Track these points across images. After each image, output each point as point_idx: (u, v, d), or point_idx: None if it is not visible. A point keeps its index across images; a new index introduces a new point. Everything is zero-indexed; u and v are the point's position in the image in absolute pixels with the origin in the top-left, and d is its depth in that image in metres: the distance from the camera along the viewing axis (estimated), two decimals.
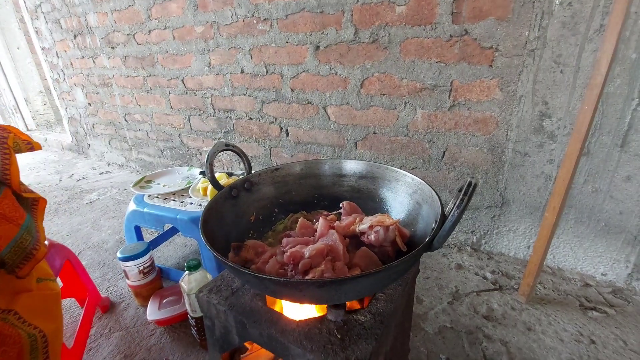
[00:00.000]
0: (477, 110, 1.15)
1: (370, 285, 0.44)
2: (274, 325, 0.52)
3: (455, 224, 0.42)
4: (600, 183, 1.04)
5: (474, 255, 1.34)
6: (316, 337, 0.49)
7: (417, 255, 0.45)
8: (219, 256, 0.44)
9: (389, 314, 0.53)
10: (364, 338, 0.49)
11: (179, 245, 1.55)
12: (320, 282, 0.40)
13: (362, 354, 0.46)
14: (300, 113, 1.57)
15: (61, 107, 2.92)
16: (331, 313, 0.52)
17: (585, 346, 0.92)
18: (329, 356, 0.46)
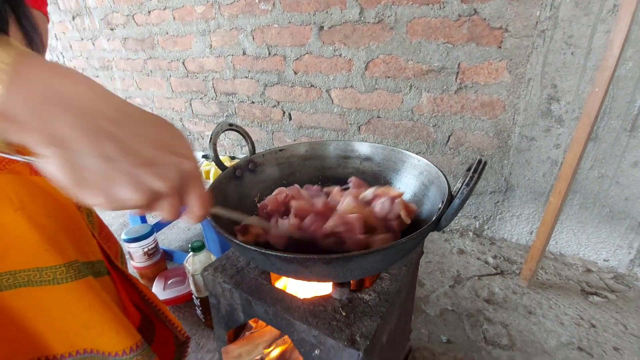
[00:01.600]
0: (484, 93, 1.13)
1: (376, 262, 0.44)
2: (279, 303, 0.52)
3: (464, 201, 0.42)
4: (607, 168, 1.03)
5: (476, 241, 1.34)
6: (321, 314, 0.49)
7: (423, 233, 0.45)
8: (224, 233, 0.44)
9: (393, 293, 0.53)
10: (369, 315, 0.49)
11: (182, 229, 1.56)
12: (327, 259, 0.40)
13: (367, 330, 0.46)
14: (303, 96, 1.55)
15: None
16: (336, 291, 0.52)
17: (585, 330, 0.93)
18: (334, 332, 0.46)
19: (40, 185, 0.49)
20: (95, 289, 0.52)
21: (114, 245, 0.76)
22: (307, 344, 0.50)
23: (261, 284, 0.56)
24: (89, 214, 0.66)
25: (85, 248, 0.55)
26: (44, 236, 0.46)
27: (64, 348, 0.53)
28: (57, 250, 0.48)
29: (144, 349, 0.57)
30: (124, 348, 0.54)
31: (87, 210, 0.66)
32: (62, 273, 0.48)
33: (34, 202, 0.47)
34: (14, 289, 0.46)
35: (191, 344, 0.97)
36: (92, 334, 0.53)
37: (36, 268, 0.47)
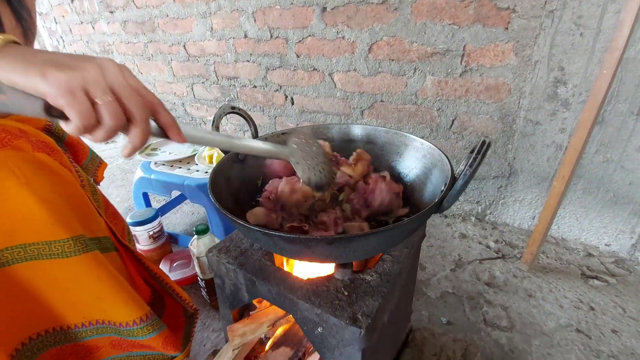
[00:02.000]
0: (489, 76, 1.11)
1: (378, 243, 0.45)
2: (283, 283, 0.53)
3: (467, 183, 0.42)
4: (612, 153, 1.02)
5: (478, 225, 1.35)
6: (324, 293, 0.50)
7: (425, 215, 0.45)
8: (227, 214, 0.45)
9: (394, 274, 0.54)
10: (370, 295, 0.50)
11: (186, 212, 1.57)
12: (329, 239, 0.40)
13: (369, 309, 0.47)
14: (305, 80, 1.53)
15: None
16: (338, 272, 0.53)
17: (584, 312, 0.95)
18: (337, 311, 0.47)
19: (43, 161, 0.49)
20: (102, 263, 0.53)
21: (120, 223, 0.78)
22: (309, 322, 0.51)
23: (265, 265, 0.57)
24: (93, 192, 0.67)
25: (91, 224, 0.55)
26: (50, 211, 0.47)
27: (77, 319, 0.54)
28: (63, 225, 0.49)
29: (154, 320, 0.59)
30: (134, 318, 0.56)
31: (91, 188, 0.67)
32: (69, 247, 0.49)
33: (38, 178, 0.47)
34: (25, 262, 0.47)
35: (197, 324, 0.99)
36: (104, 305, 0.54)
37: (45, 241, 0.48)
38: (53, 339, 0.54)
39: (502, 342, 0.88)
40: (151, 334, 0.58)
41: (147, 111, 0.37)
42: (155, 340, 0.59)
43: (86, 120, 0.33)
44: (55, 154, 0.53)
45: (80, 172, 0.64)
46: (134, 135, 0.37)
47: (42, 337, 0.53)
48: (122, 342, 0.60)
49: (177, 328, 0.72)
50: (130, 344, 0.60)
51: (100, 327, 0.56)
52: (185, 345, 0.67)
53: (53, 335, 0.54)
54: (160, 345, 0.60)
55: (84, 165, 0.82)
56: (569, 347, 0.86)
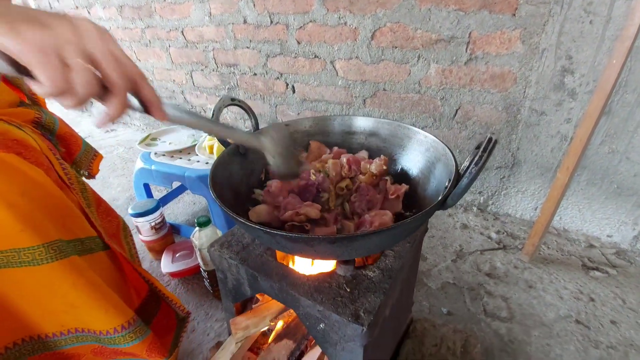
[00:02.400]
0: (495, 64, 1.09)
1: (381, 242, 0.44)
2: (285, 279, 0.53)
3: (472, 181, 0.41)
4: (618, 144, 1.00)
5: (479, 216, 1.35)
6: (326, 290, 0.50)
7: (429, 213, 0.44)
8: (229, 212, 0.44)
9: (396, 270, 0.54)
10: (373, 292, 0.50)
11: (187, 202, 1.57)
12: (331, 239, 0.40)
13: (371, 306, 0.47)
14: (306, 68, 1.50)
15: None
16: (341, 268, 0.53)
17: (584, 303, 0.95)
18: (339, 308, 0.47)
19: (10, 162, 0.47)
20: (79, 269, 0.51)
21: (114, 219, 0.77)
22: (312, 318, 0.51)
23: (267, 260, 0.57)
24: (82, 190, 0.65)
25: (71, 225, 0.53)
26: (18, 216, 0.45)
27: (55, 327, 0.53)
28: (33, 231, 0.46)
29: (137, 326, 0.57)
30: (115, 326, 0.54)
31: (80, 186, 0.65)
32: (41, 254, 0.47)
33: (4, 180, 0.45)
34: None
35: (200, 314, 1.01)
36: (81, 313, 0.52)
37: (14, 249, 0.45)
38: (31, 347, 0.52)
39: (501, 333, 0.89)
40: (134, 341, 0.56)
41: (126, 82, 0.35)
42: (139, 347, 0.57)
43: (56, 85, 0.31)
44: (28, 152, 0.50)
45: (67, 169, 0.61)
46: (111, 106, 0.35)
47: (19, 346, 0.51)
48: (105, 350, 0.58)
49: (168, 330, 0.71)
50: (113, 352, 0.59)
51: (80, 336, 0.55)
52: (173, 350, 0.66)
53: (30, 344, 0.52)
54: (144, 352, 0.59)
55: (77, 159, 0.80)
56: (567, 338, 0.87)
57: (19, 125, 0.57)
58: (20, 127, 0.56)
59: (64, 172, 0.59)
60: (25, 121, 0.66)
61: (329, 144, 0.78)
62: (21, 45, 0.29)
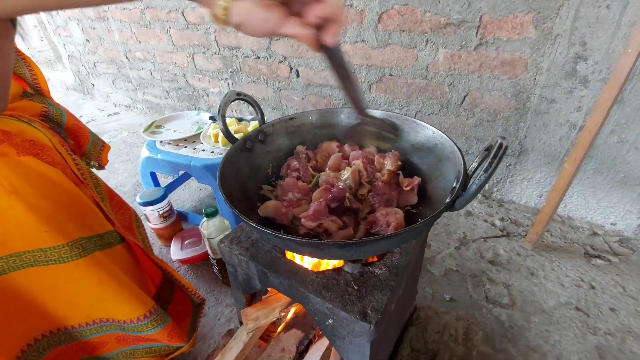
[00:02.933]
0: (505, 50, 1.06)
1: (389, 245, 0.45)
2: (294, 276, 0.54)
3: (481, 188, 0.41)
4: (628, 133, 0.99)
5: (484, 203, 1.35)
6: (334, 287, 0.52)
7: (437, 216, 0.45)
8: (240, 215, 0.45)
9: (403, 267, 0.55)
10: (379, 289, 0.51)
11: (194, 189, 1.59)
12: (341, 244, 0.41)
13: (378, 304, 0.49)
14: (311, 51, 1.46)
15: (59, 44, 2.78)
16: (348, 266, 0.54)
17: (585, 291, 0.97)
18: (347, 305, 0.49)
19: (30, 165, 0.48)
20: (103, 264, 0.54)
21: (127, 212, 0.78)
22: (321, 314, 0.53)
23: (276, 257, 0.58)
24: (96, 185, 0.66)
25: (89, 222, 0.55)
26: (42, 218, 0.47)
27: (80, 319, 0.56)
28: (57, 231, 0.48)
29: (158, 314, 0.61)
30: (138, 315, 0.58)
31: (93, 181, 0.66)
32: (66, 252, 0.49)
33: (26, 184, 0.46)
34: (22, 269, 0.48)
35: (210, 299, 1.04)
36: (106, 305, 0.55)
37: (40, 249, 0.48)
38: (57, 339, 0.56)
39: (502, 319, 0.92)
40: (156, 328, 0.60)
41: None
42: (161, 333, 0.61)
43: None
44: (44, 153, 0.52)
45: (80, 164, 0.62)
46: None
47: (47, 337, 0.54)
48: (128, 337, 0.62)
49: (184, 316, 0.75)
50: (136, 338, 0.63)
51: (104, 325, 0.58)
52: (191, 335, 0.70)
53: (57, 335, 0.56)
54: (165, 338, 0.62)
55: (87, 151, 0.81)
56: (566, 325, 0.89)
57: (29, 120, 0.58)
58: (31, 123, 0.56)
59: (77, 168, 0.60)
60: (33, 115, 0.66)
61: (336, 137, 0.77)
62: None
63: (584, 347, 0.84)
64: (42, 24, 3.29)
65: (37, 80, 0.75)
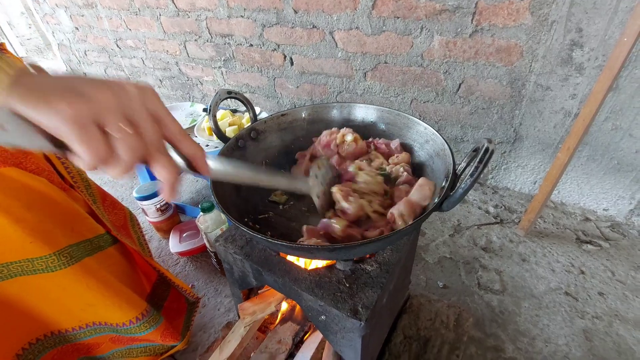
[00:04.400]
0: (501, 37, 1.04)
1: (378, 247, 0.46)
2: (287, 274, 0.56)
3: (467, 191, 0.42)
4: (623, 120, 0.99)
5: (479, 190, 1.37)
6: (326, 285, 0.54)
7: (425, 217, 0.46)
8: (233, 221, 0.46)
9: (394, 263, 0.57)
10: (370, 286, 0.53)
11: (190, 180, 1.59)
12: (330, 248, 0.42)
13: (369, 301, 0.51)
14: (304, 39, 1.44)
15: (47, 32, 2.71)
16: (340, 263, 0.56)
17: (575, 276, 1.00)
18: (339, 303, 0.51)
19: (12, 177, 0.48)
20: (92, 270, 0.54)
21: (120, 211, 0.79)
22: (314, 311, 0.55)
23: (269, 255, 0.60)
24: (87, 187, 0.66)
25: (78, 227, 0.56)
26: (26, 229, 0.47)
27: (73, 323, 0.57)
28: (43, 241, 0.49)
29: (151, 316, 0.62)
30: (130, 318, 0.59)
31: (84, 184, 0.66)
32: (53, 262, 0.50)
33: (9, 197, 0.46)
34: (10, 278, 0.49)
35: (210, 290, 1.07)
36: (97, 310, 0.57)
37: (27, 259, 0.48)
38: (52, 341, 0.57)
39: (493, 305, 0.95)
40: (148, 330, 0.61)
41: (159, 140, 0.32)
42: (154, 334, 0.63)
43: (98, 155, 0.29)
44: (28, 161, 0.51)
45: (69, 167, 0.62)
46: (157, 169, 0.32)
47: (41, 341, 0.56)
48: (122, 338, 0.64)
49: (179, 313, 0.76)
50: (130, 339, 0.64)
51: (97, 328, 0.60)
52: (185, 334, 0.72)
53: (52, 338, 0.57)
54: (159, 338, 0.64)
55: None
56: (555, 309, 0.92)
57: None
58: None
59: (66, 172, 0.60)
60: None
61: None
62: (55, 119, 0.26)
63: (571, 331, 0.87)
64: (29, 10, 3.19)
65: None
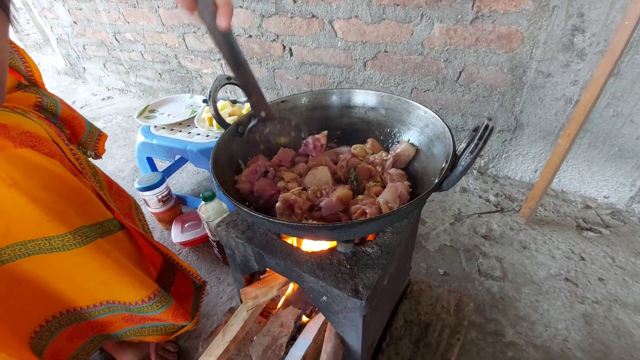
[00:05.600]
0: (502, 23, 1.03)
1: (379, 226, 0.47)
2: (289, 257, 0.56)
3: (467, 169, 0.42)
4: (624, 106, 0.98)
5: (479, 179, 1.37)
6: (327, 267, 0.54)
7: (425, 197, 0.46)
8: (233, 201, 0.46)
9: (394, 246, 0.57)
10: (371, 268, 0.53)
11: (191, 172, 1.60)
12: (331, 227, 0.42)
13: (369, 281, 0.51)
14: (304, 29, 1.43)
15: (46, 27, 2.70)
16: (341, 246, 0.56)
17: (575, 262, 1.00)
18: (340, 283, 0.51)
19: (27, 157, 0.49)
20: (105, 250, 0.56)
21: (126, 199, 0.80)
22: (315, 292, 0.55)
23: (271, 239, 0.60)
24: (94, 174, 0.67)
25: (90, 211, 0.57)
26: (44, 208, 0.48)
27: (88, 301, 0.59)
28: (59, 220, 0.50)
29: (162, 296, 0.64)
30: (142, 298, 0.61)
31: (91, 170, 0.67)
32: (69, 240, 0.51)
33: (25, 176, 0.47)
34: (28, 256, 0.50)
35: (212, 279, 1.08)
36: (111, 289, 0.58)
37: (44, 237, 0.50)
38: (68, 319, 0.59)
39: (493, 291, 0.96)
40: (160, 309, 0.63)
41: None
42: (165, 314, 0.64)
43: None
44: (41, 145, 0.52)
45: (77, 154, 0.63)
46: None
47: (58, 318, 0.58)
48: (134, 317, 0.66)
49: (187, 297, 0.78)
50: (142, 318, 0.66)
51: (111, 307, 0.61)
52: (194, 314, 0.74)
53: (67, 316, 0.59)
54: (170, 318, 0.66)
55: (83, 140, 0.81)
56: (555, 294, 0.93)
57: (24, 111, 0.58)
58: (26, 114, 0.57)
59: (74, 158, 0.61)
60: (27, 106, 0.66)
61: (329, 118, 0.77)
62: None
63: (571, 315, 0.88)
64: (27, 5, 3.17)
65: (31, 71, 0.74)
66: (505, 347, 0.83)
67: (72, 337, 0.63)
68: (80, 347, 0.66)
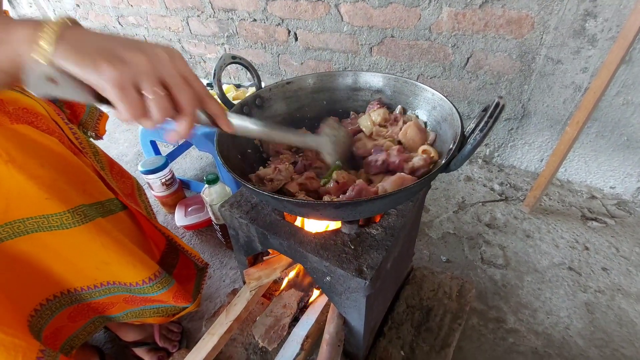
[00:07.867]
0: (512, 8, 1.01)
1: (384, 205, 0.46)
2: (293, 237, 0.56)
3: (476, 148, 0.41)
4: (634, 95, 0.96)
5: (484, 168, 1.36)
6: (332, 247, 0.54)
7: (432, 177, 0.45)
8: (237, 178, 0.46)
9: (399, 228, 0.57)
10: (375, 249, 0.53)
11: (195, 157, 1.60)
12: (336, 204, 0.42)
13: (373, 262, 0.51)
14: (309, 13, 1.40)
15: (48, 10, 2.68)
16: (345, 227, 0.56)
17: (579, 252, 1.00)
18: (344, 263, 0.51)
19: (25, 133, 0.48)
20: (105, 230, 0.55)
21: (128, 180, 0.79)
22: (319, 272, 0.55)
23: (275, 219, 0.60)
24: (95, 153, 0.67)
25: (90, 189, 0.56)
26: (42, 186, 0.47)
27: (88, 282, 0.58)
28: (58, 198, 0.49)
29: (163, 277, 0.63)
30: (143, 278, 0.60)
31: (92, 149, 0.67)
32: (68, 219, 0.50)
33: (22, 153, 0.46)
34: (26, 235, 0.49)
35: (215, 262, 1.08)
36: (112, 269, 0.57)
37: (42, 215, 0.49)
38: (67, 299, 0.59)
39: (496, 278, 0.96)
40: (161, 290, 0.63)
41: (195, 103, 0.37)
42: (166, 295, 0.64)
43: (135, 112, 0.34)
44: (39, 121, 0.51)
45: (77, 133, 0.62)
46: (181, 124, 0.38)
47: (59, 298, 0.57)
48: (135, 299, 0.65)
49: (189, 279, 0.78)
50: (143, 299, 0.66)
51: (111, 287, 0.61)
52: (196, 296, 0.74)
53: (67, 296, 0.58)
54: (171, 299, 0.65)
55: (83, 121, 0.80)
56: (558, 283, 0.93)
57: (22, 89, 0.57)
58: (23, 92, 0.56)
59: (74, 137, 0.60)
60: None
61: (334, 100, 0.77)
62: (103, 81, 0.32)
63: (573, 304, 0.88)
64: None
65: None
66: (507, 333, 0.83)
67: (73, 316, 0.63)
68: (82, 327, 0.66)
